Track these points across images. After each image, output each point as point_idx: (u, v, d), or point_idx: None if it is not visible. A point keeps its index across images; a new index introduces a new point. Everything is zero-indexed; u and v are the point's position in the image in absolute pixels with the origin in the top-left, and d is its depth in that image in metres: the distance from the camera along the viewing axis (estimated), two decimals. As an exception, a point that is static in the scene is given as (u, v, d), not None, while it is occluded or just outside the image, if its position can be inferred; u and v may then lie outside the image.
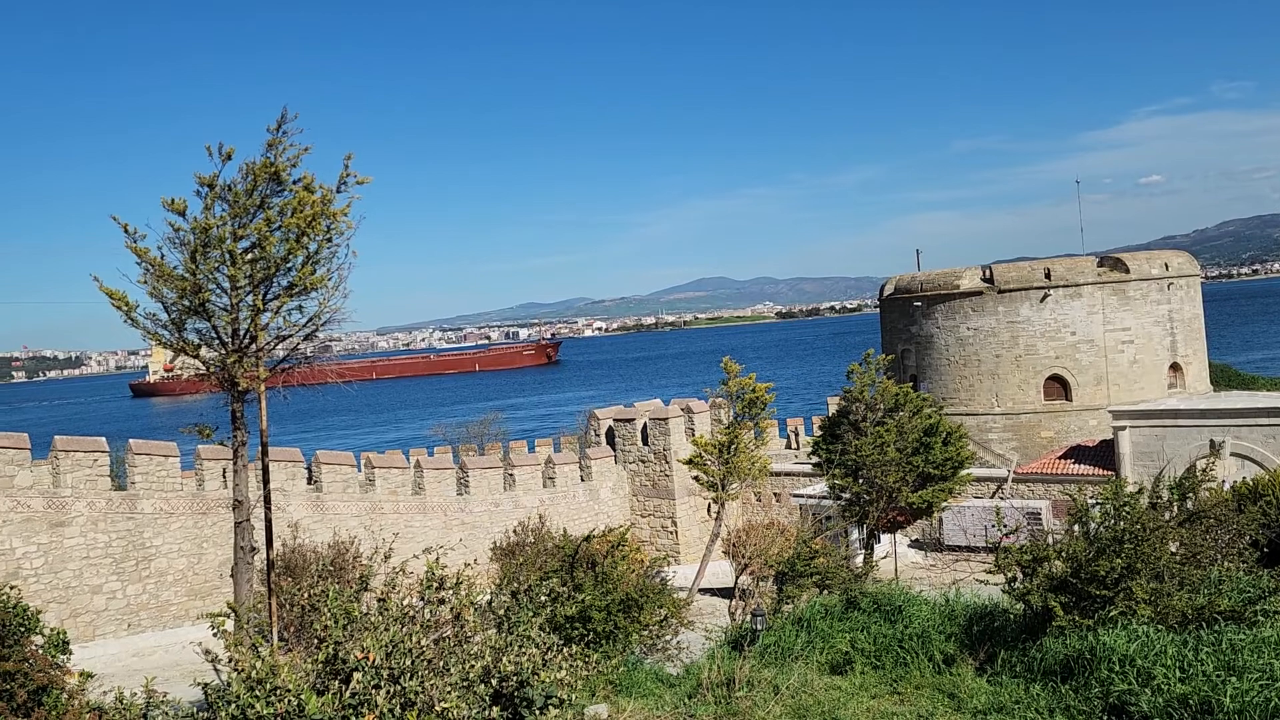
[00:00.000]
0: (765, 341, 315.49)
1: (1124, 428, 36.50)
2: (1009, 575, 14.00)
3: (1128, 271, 44.83)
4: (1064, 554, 13.60)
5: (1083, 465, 37.68)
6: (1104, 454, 37.57)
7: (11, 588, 9.59)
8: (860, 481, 29.71)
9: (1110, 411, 38.20)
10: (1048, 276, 45.04)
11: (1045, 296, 44.72)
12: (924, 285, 47.69)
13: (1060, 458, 39.21)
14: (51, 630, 9.11)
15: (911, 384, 36.77)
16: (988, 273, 46.40)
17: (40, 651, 8.85)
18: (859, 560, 29.23)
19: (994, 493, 38.32)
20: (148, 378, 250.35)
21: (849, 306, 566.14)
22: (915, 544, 38.30)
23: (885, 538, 33.25)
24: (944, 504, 31.49)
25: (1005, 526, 15.21)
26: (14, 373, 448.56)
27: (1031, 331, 44.90)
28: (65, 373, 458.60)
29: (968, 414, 44.60)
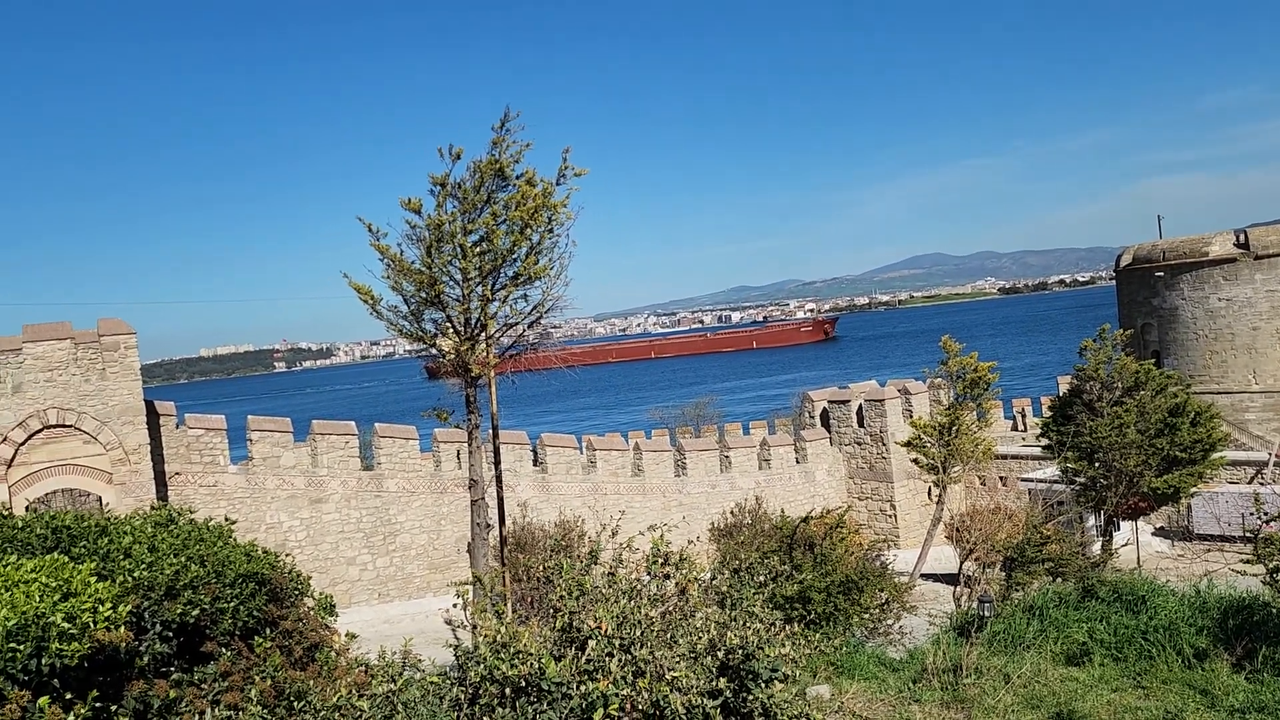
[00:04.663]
0: (987, 319, 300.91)
1: None
2: (1271, 565, 12.86)
3: None
4: (1337, 544, 12.36)
5: (1360, 448, 33.84)
6: (1387, 435, 33.58)
7: (286, 555, 10.71)
8: (1096, 465, 27.97)
9: (1394, 388, 34.06)
10: (1315, 239, 40.58)
11: (1312, 261, 40.32)
12: (1167, 254, 44.07)
13: (1332, 439, 35.37)
14: (320, 595, 10.09)
15: (1154, 361, 34.14)
16: (1242, 237, 42.28)
17: (311, 613, 9.83)
18: (1096, 548, 27.57)
19: (1252, 478, 35.05)
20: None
21: (1080, 280, 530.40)
22: (1160, 532, 35.69)
23: (1125, 525, 31.19)
24: (1193, 490, 29.15)
25: (1266, 514, 13.97)
26: (275, 363, 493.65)
27: (1296, 300, 40.63)
28: (318, 363, 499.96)
29: (1220, 392, 40.94)
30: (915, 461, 31.91)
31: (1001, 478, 39.30)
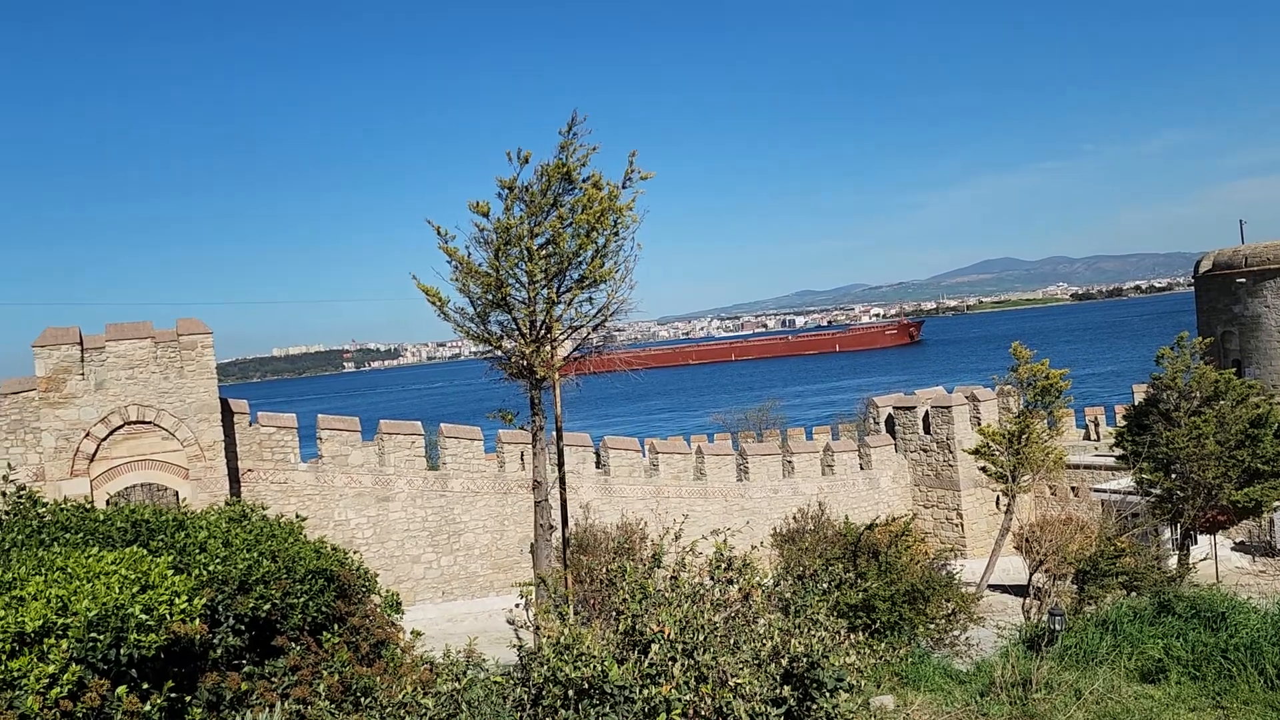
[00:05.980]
0: (1063, 325, 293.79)
1: None
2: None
3: None
4: None
5: None
6: None
7: (354, 553, 10.89)
8: (1173, 477, 27.17)
9: None
10: None
11: (1406, 267, 38.69)
12: (1249, 259, 42.63)
13: None
14: (387, 592, 10.24)
15: (1234, 370, 33.07)
16: (1330, 242, 40.75)
17: (378, 610, 9.98)
18: (1172, 562, 26.79)
19: (1340, 492, 33.69)
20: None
21: (1157, 286, 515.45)
22: (1240, 547, 34.51)
23: (1204, 539, 30.22)
24: (1276, 504, 28.16)
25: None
26: (345, 364, 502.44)
27: (1388, 308, 39.00)
28: (386, 363, 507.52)
29: (1305, 403, 39.47)
30: (983, 470, 31.32)
31: (1073, 488, 38.38)
